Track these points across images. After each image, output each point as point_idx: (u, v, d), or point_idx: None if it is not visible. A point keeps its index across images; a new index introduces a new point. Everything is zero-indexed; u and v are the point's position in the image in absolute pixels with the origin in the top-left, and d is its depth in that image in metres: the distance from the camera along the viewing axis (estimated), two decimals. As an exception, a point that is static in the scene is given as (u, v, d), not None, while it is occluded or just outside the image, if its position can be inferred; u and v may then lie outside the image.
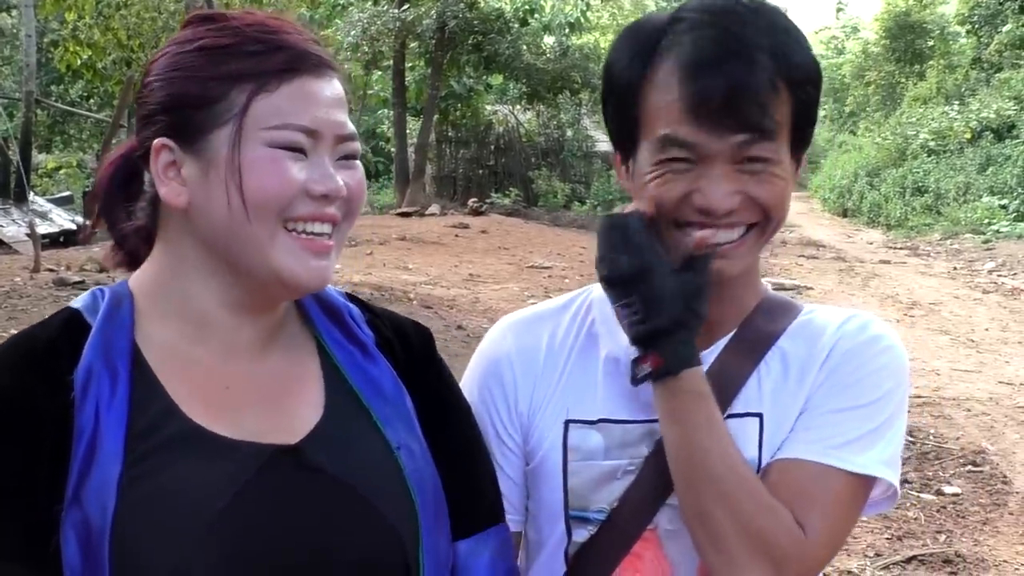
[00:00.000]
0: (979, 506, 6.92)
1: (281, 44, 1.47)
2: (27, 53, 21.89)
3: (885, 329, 1.74)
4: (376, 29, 26.42)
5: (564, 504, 1.71)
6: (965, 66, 40.81)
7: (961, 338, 12.94)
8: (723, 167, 1.57)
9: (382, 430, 1.56)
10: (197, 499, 1.40)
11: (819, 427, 1.64)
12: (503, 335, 1.83)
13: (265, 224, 1.43)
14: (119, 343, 1.44)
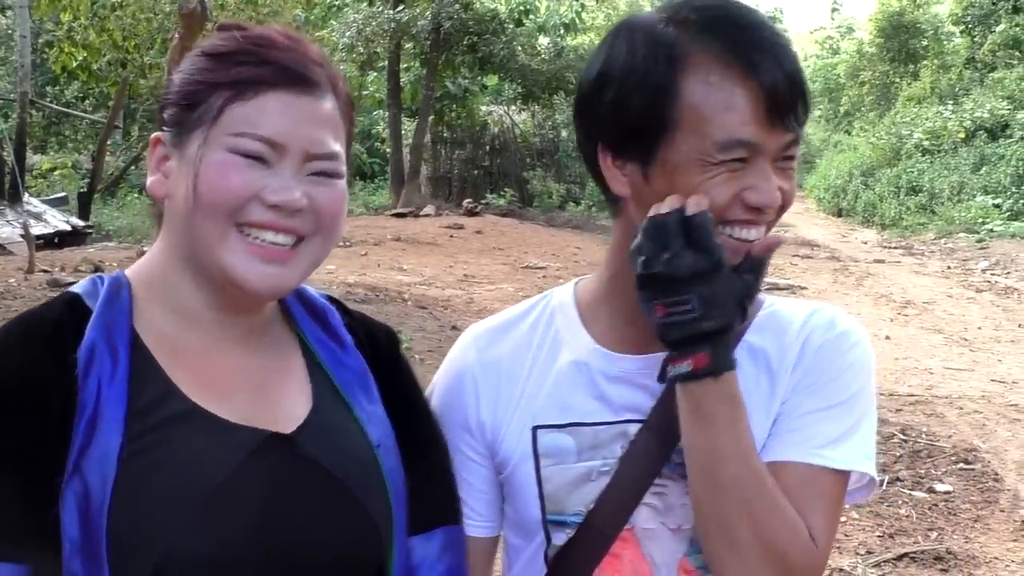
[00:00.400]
0: (970, 504, 6.95)
1: (268, 58, 1.52)
2: (22, 54, 21.89)
3: (852, 323, 1.75)
4: (371, 30, 26.39)
5: (541, 509, 1.72)
6: (959, 66, 40.83)
7: (954, 337, 12.98)
8: (767, 165, 1.59)
9: (364, 428, 1.63)
10: (196, 474, 1.46)
11: (802, 428, 1.65)
12: (466, 347, 1.83)
13: (216, 223, 1.49)
14: (119, 326, 1.50)
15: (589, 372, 1.72)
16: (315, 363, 1.67)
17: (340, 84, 1.60)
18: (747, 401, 1.66)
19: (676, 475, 1.66)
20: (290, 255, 1.53)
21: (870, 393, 1.72)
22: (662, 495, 1.68)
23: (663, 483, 1.68)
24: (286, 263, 1.53)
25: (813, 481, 1.63)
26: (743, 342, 1.71)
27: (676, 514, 1.68)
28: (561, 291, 1.84)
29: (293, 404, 1.61)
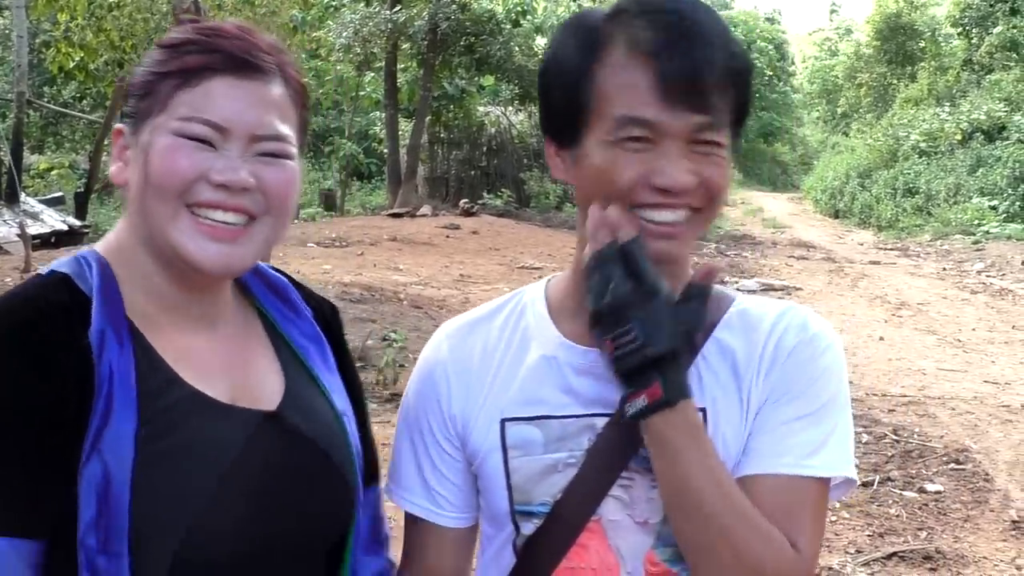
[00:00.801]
0: (961, 504, 6.97)
1: (216, 46, 1.58)
2: (19, 54, 21.90)
3: (823, 325, 1.75)
4: (368, 31, 26.40)
5: (509, 500, 1.74)
6: (956, 68, 40.89)
7: (948, 338, 13.02)
8: (680, 147, 1.60)
9: (330, 398, 1.73)
10: (208, 456, 1.53)
11: (782, 439, 1.66)
12: (439, 343, 1.86)
13: (166, 204, 1.54)
14: (116, 310, 1.55)
15: (558, 365, 1.74)
16: (278, 337, 1.76)
17: (290, 71, 1.66)
18: (720, 400, 1.68)
19: (643, 468, 1.68)
20: (240, 233, 1.58)
21: (845, 395, 1.73)
22: (628, 488, 1.69)
23: (630, 476, 1.69)
24: (236, 241, 1.58)
25: (796, 491, 1.64)
26: (713, 339, 1.72)
27: (642, 507, 1.69)
28: (533, 288, 1.87)
29: (268, 379, 1.69)
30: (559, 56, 1.69)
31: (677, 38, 1.58)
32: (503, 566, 1.78)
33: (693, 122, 1.59)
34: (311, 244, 19.48)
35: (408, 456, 1.85)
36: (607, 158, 1.62)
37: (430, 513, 1.84)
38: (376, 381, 9.23)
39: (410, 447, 1.85)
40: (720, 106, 1.61)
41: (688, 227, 1.65)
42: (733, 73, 1.63)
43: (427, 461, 1.83)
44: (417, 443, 1.84)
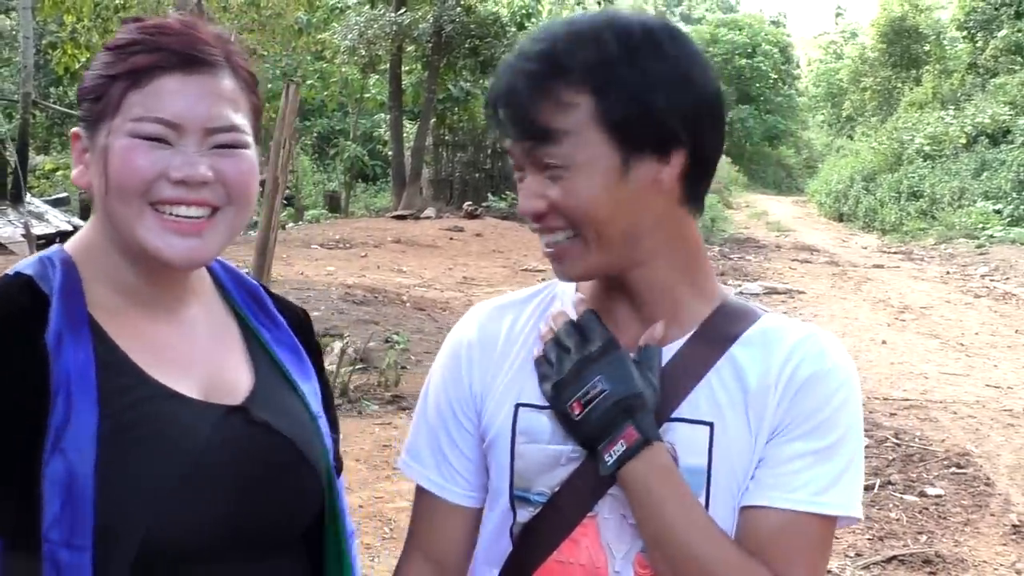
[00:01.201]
0: (961, 507, 6.97)
1: (161, 44, 1.60)
2: (25, 55, 21.94)
3: (842, 356, 1.74)
4: (373, 33, 26.42)
5: (510, 483, 1.77)
6: (961, 71, 40.88)
7: (951, 342, 13.02)
8: (532, 172, 1.65)
9: (305, 400, 1.77)
10: (172, 452, 1.55)
11: (794, 472, 1.66)
12: (469, 321, 1.90)
13: (130, 204, 1.57)
14: (78, 310, 1.57)
15: None
16: (253, 338, 1.79)
17: (238, 60, 1.68)
18: (729, 418, 1.68)
19: None
20: (204, 226, 1.61)
21: (858, 431, 1.72)
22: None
23: None
24: (201, 234, 1.61)
25: (802, 528, 1.65)
26: (728, 355, 1.72)
27: None
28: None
29: (238, 376, 1.72)
30: None
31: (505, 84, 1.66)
32: (501, 551, 1.80)
33: (521, 148, 1.65)
34: (315, 245, 19.52)
35: (426, 431, 1.88)
36: None
37: (442, 488, 1.86)
38: (378, 383, 9.25)
39: (429, 422, 1.88)
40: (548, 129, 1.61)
41: (570, 248, 1.67)
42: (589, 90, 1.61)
43: (446, 437, 1.85)
44: (435, 419, 1.86)
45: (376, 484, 6.77)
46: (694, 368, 1.71)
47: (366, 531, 5.94)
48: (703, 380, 1.70)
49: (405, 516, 6.18)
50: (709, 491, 1.67)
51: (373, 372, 9.52)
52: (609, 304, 1.76)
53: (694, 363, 1.72)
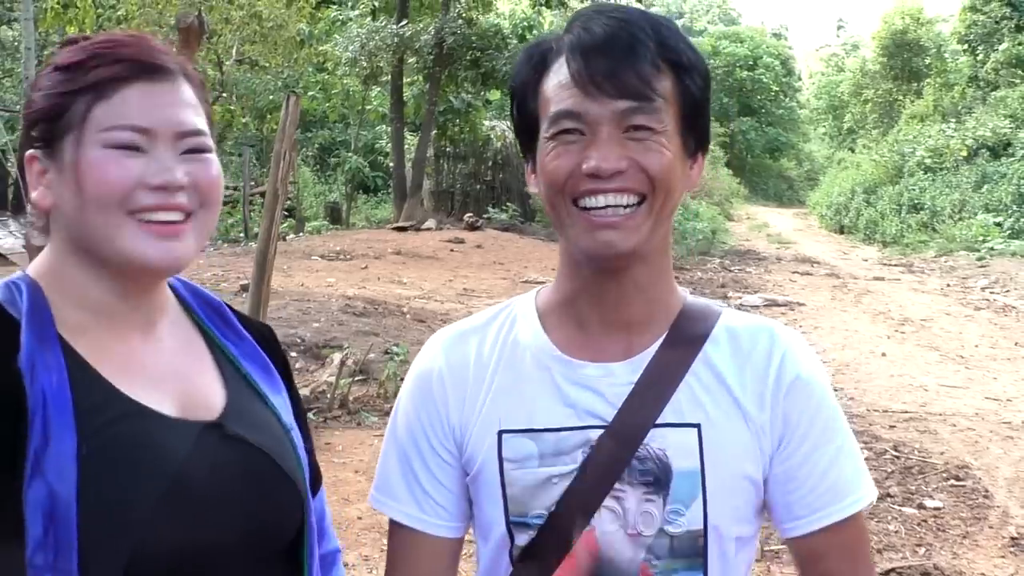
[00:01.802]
0: (960, 520, 6.96)
1: (120, 56, 1.62)
2: (27, 66, 21.87)
3: (809, 350, 1.82)
4: (374, 44, 26.43)
5: (504, 511, 1.77)
6: (962, 84, 40.93)
7: (951, 354, 13.01)
8: (610, 132, 1.63)
9: (277, 413, 1.77)
10: (152, 470, 1.55)
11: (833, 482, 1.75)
12: (433, 351, 1.88)
13: (109, 216, 1.58)
14: (48, 333, 1.57)
15: (552, 378, 1.76)
16: (220, 353, 1.80)
17: (189, 69, 1.70)
18: (714, 417, 1.72)
19: (636, 481, 1.71)
20: (181, 229, 1.63)
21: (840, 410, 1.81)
22: (620, 500, 1.72)
23: (622, 488, 1.71)
24: (179, 237, 1.63)
25: (859, 525, 1.78)
26: (702, 354, 1.76)
27: (634, 520, 1.72)
28: (523, 299, 1.89)
29: (210, 392, 1.73)
30: (517, 76, 1.76)
31: (602, 37, 1.64)
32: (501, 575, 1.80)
33: (617, 108, 1.63)
34: (315, 257, 19.53)
35: (399, 465, 1.86)
36: (548, 155, 1.68)
37: (421, 522, 1.84)
38: (377, 394, 9.24)
39: (402, 455, 1.86)
40: (651, 92, 1.63)
41: (633, 216, 1.66)
42: (671, 64, 1.67)
43: (423, 469, 1.84)
44: (411, 451, 1.85)
45: (375, 495, 6.75)
46: (671, 372, 1.74)
47: (364, 543, 5.94)
48: (682, 383, 1.74)
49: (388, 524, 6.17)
50: (705, 492, 1.71)
51: (373, 383, 9.52)
52: (579, 314, 1.78)
53: (671, 367, 1.75)
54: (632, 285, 1.74)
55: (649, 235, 1.68)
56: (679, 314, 1.79)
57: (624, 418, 1.72)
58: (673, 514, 1.71)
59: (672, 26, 1.71)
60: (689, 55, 1.69)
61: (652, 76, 1.63)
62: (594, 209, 1.65)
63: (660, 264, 1.77)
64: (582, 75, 1.63)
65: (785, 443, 1.74)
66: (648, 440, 1.71)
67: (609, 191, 1.64)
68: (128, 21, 22.25)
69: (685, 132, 1.69)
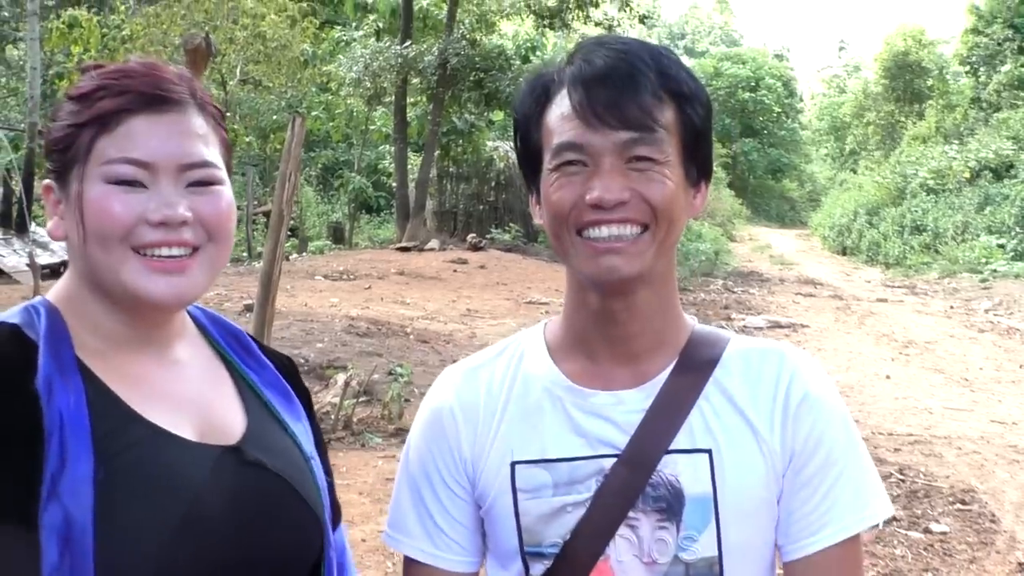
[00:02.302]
0: (967, 544, 6.92)
1: (126, 88, 1.60)
2: (32, 85, 22.00)
3: (819, 368, 1.82)
4: (378, 65, 26.50)
5: (519, 541, 1.76)
6: (964, 106, 40.99)
7: (955, 377, 12.98)
8: (612, 163, 1.64)
9: (297, 441, 1.76)
10: (171, 495, 1.53)
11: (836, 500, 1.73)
12: (444, 389, 1.89)
13: (112, 251, 1.57)
14: (66, 356, 1.56)
15: (564, 407, 1.77)
16: (241, 380, 1.78)
17: (203, 95, 1.68)
18: (725, 442, 1.71)
19: (649, 508, 1.70)
20: (187, 264, 1.61)
21: (857, 431, 1.80)
22: (634, 528, 1.71)
23: (636, 516, 1.71)
24: (185, 272, 1.61)
25: (856, 546, 1.75)
26: (713, 380, 1.76)
27: (648, 547, 1.71)
28: (531, 332, 1.90)
29: (230, 417, 1.71)
30: (519, 108, 1.76)
31: (602, 68, 1.64)
32: None
33: (619, 139, 1.63)
34: (319, 277, 19.53)
35: (412, 501, 1.86)
36: (551, 186, 1.68)
37: (435, 558, 1.84)
38: (381, 415, 9.22)
39: (415, 492, 1.86)
40: (652, 123, 1.64)
41: (636, 242, 1.67)
42: (672, 94, 1.67)
43: (436, 505, 1.84)
44: (424, 488, 1.85)
45: (379, 518, 6.73)
46: (683, 398, 1.74)
47: (368, 565, 5.91)
48: (694, 408, 1.73)
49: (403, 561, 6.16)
50: (718, 518, 1.70)
51: (377, 405, 9.50)
52: (587, 343, 1.79)
53: (682, 393, 1.75)
54: (639, 311, 1.74)
55: (653, 262, 1.69)
56: (688, 340, 1.80)
57: (637, 445, 1.72)
58: (687, 540, 1.70)
59: (673, 56, 1.71)
60: (690, 85, 1.69)
61: (653, 107, 1.64)
62: (598, 239, 1.66)
63: (665, 291, 1.78)
64: (584, 107, 1.64)
65: (793, 463, 1.74)
66: (661, 466, 1.70)
67: (612, 222, 1.65)
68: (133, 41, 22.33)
69: (687, 161, 1.70)
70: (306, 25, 25.88)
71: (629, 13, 29.04)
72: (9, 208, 20.78)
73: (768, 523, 1.74)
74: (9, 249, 19.22)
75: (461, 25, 27.48)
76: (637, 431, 1.72)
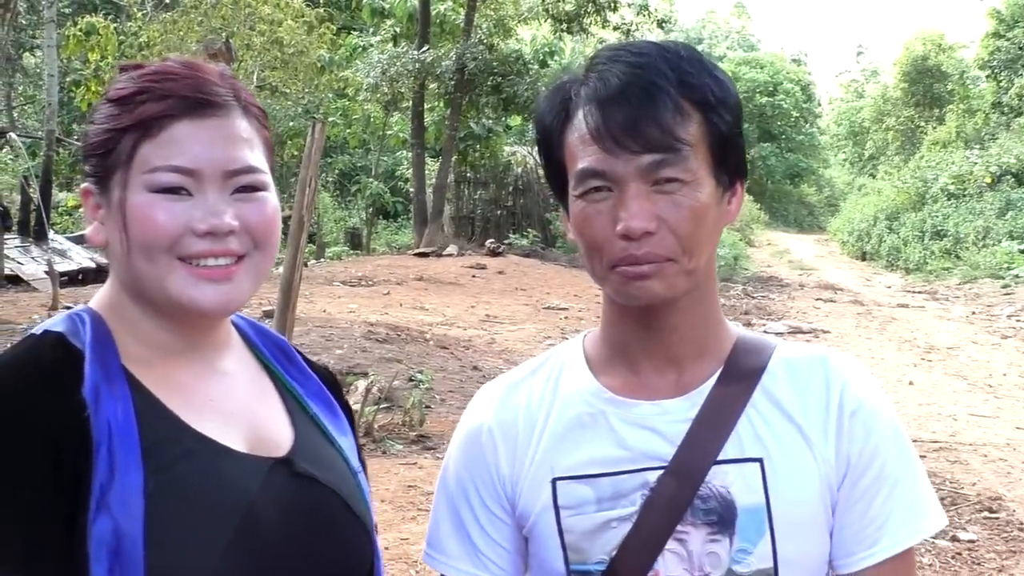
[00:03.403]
0: (995, 553, 6.85)
1: (168, 91, 1.55)
2: (49, 92, 22.09)
3: (867, 374, 1.76)
4: (396, 70, 26.53)
5: (564, 560, 1.71)
6: (985, 110, 40.86)
7: (979, 383, 12.90)
8: (637, 188, 1.58)
9: (344, 455, 1.72)
10: (222, 507, 1.49)
11: (891, 511, 1.68)
12: (481, 407, 1.84)
13: (157, 262, 1.53)
14: (112, 364, 1.51)
15: (605, 420, 1.71)
16: (287, 392, 1.74)
17: (246, 97, 1.63)
18: (776, 450, 1.66)
19: (699, 521, 1.65)
20: (233, 271, 1.57)
21: (909, 440, 1.75)
22: (683, 541, 1.66)
23: (685, 530, 1.66)
24: (231, 279, 1.57)
25: (903, 566, 1.69)
26: (760, 387, 1.71)
27: (700, 562, 1.66)
28: (569, 345, 1.85)
29: (277, 429, 1.67)
30: (539, 124, 1.70)
31: (618, 87, 1.58)
32: None
33: (642, 163, 1.57)
34: (337, 283, 19.53)
35: (452, 522, 1.81)
36: (578, 215, 1.63)
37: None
38: (403, 422, 9.19)
39: (454, 513, 1.81)
40: (675, 142, 1.57)
41: (664, 270, 1.61)
42: (696, 104, 1.60)
43: (475, 526, 1.79)
44: (463, 508, 1.80)
45: (401, 525, 6.70)
46: (730, 406, 1.69)
47: (392, 573, 5.86)
48: (742, 417, 1.68)
49: None
50: (772, 528, 1.65)
51: (397, 411, 9.47)
52: (627, 354, 1.74)
53: (729, 402, 1.70)
54: (679, 322, 1.70)
55: (687, 284, 1.64)
56: (733, 347, 1.75)
57: (684, 456, 1.67)
58: (741, 553, 1.65)
59: (695, 58, 1.64)
60: (715, 91, 1.62)
61: (675, 124, 1.57)
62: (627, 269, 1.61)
63: (706, 300, 1.73)
64: (601, 131, 1.58)
65: (848, 475, 1.68)
66: (709, 478, 1.65)
67: (640, 260, 1.59)
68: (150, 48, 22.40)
69: (718, 170, 1.64)
70: (323, 31, 25.96)
71: (647, 17, 29.01)
72: (27, 215, 20.84)
73: (823, 534, 1.69)
74: (28, 257, 19.27)
75: (479, 30, 27.48)
76: (683, 441, 1.67)
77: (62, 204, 27.51)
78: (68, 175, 31.45)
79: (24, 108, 34.06)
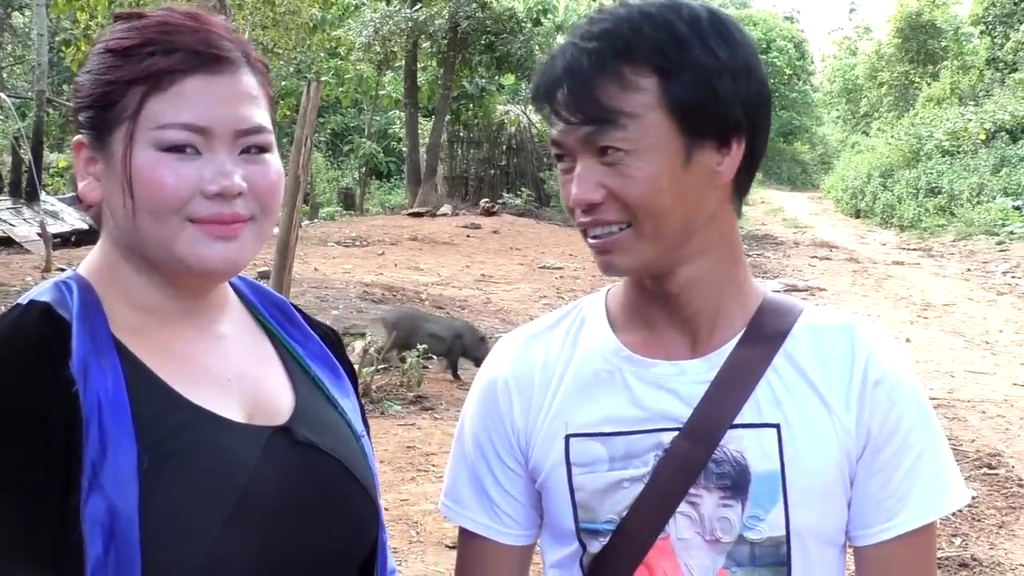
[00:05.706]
0: (995, 509, 6.87)
1: (177, 44, 1.48)
2: (39, 52, 21.91)
3: (894, 344, 1.72)
4: (388, 29, 26.41)
5: (574, 517, 1.70)
6: (979, 67, 40.77)
7: (975, 340, 12.92)
8: (584, 160, 1.57)
9: (347, 418, 1.67)
10: (220, 481, 1.45)
11: (913, 484, 1.64)
12: (500, 357, 1.82)
13: (166, 223, 1.47)
14: (101, 335, 1.45)
15: (622, 378, 1.69)
16: (286, 353, 1.69)
17: (251, 51, 1.57)
18: (794, 417, 1.63)
19: (712, 485, 1.63)
20: (239, 230, 1.51)
21: (932, 412, 1.70)
22: (696, 505, 1.64)
23: (697, 493, 1.63)
24: (237, 238, 1.51)
25: (924, 540, 1.66)
26: (783, 351, 1.67)
27: (711, 525, 1.64)
28: (592, 299, 1.82)
29: (278, 394, 1.62)
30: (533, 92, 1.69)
31: (564, 62, 1.58)
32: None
33: (582, 133, 1.56)
34: (331, 243, 19.50)
35: (468, 474, 1.80)
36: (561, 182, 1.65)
37: (491, 530, 1.79)
38: (400, 383, 9.19)
39: (470, 465, 1.80)
40: (609, 113, 1.54)
41: (622, 240, 1.59)
42: (653, 70, 1.55)
43: (490, 478, 1.78)
44: (478, 461, 1.79)
45: (401, 486, 6.70)
46: (750, 369, 1.66)
47: (392, 534, 5.85)
48: (762, 381, 1.65)
49: (431, 519, 6.16)
50: (786, 495, 1.62)
51: (395, 372, 9.46)
52: (645, 313, 1.71)
53: (749, 365, 1.66)
54: (689, 287, 1.66)
55: (655, 250, 1.60)
56: (758, 310, 1.70)
57: (700, 418, 1.64)
58: (753, 519, 1.62)
59: (665, 21, 1.56)
60: (673, 55, 1.54)
61: (614, 95, 1.53)
62: (591, 238, 1.61)
63: (718, 264, 1.67)
64: (552, 104, 1.59)
65: (869, 446, 1.65)
66: (725, 442, 1.62)
67: (595, 223, 1.59)
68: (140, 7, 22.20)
69: (685, 133, 1.56)
70: (315, -11, 25.74)
71: (640, -25, 28.81)
72: (19, 177, 20.72)
73: (839, 505, 1.66)
74: (20, 219, 19.17)
75: (471, -12, 27.32)
76: (700, 403, 1.64)
77: (53, 165, 27.39)
78: (59, 136, 31.31)
79: (13, 69, 33.85)
